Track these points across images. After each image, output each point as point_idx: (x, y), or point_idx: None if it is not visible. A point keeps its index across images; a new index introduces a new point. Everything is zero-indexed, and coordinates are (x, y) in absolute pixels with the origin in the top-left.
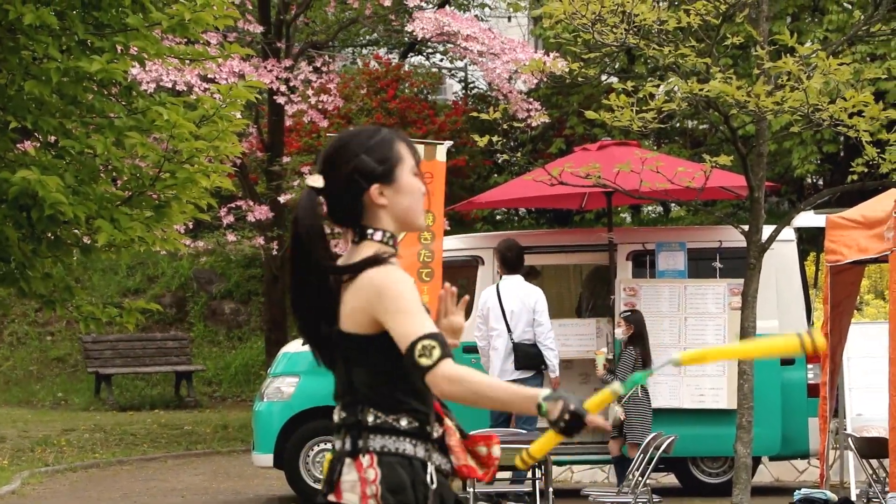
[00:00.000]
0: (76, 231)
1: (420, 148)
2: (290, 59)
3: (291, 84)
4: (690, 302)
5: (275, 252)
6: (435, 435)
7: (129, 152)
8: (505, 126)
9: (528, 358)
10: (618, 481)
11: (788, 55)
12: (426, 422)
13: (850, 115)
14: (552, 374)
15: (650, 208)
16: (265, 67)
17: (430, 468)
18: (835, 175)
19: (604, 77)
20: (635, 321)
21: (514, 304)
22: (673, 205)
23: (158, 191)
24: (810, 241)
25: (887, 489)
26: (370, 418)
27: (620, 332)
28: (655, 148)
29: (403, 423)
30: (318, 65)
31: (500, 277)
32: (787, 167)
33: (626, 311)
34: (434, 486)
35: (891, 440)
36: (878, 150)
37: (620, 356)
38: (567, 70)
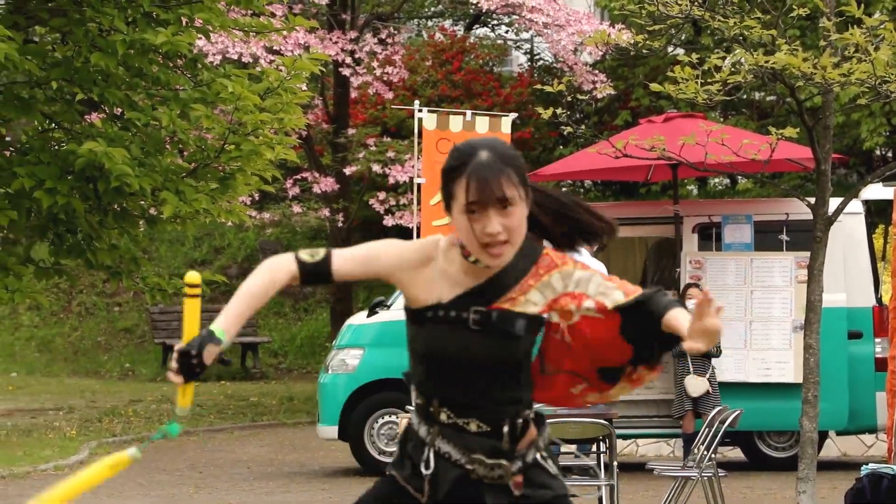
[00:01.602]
0: (142, 203)
1: (485, 120)
2: (355, 31)
3: (357, 56)
4: (757, 275)
5: (340, 224)
6: (444, 419)
7: (194, 124)
8: (570, 98)
9: None
10: (684, 455)
11: (856, 26)
12: (428, 402)
13: None
14: None
15: (716, 180)
16: (330, 39)
17: (428, 452)
18: None
19: (670, 49)
20: None
21: None
22: (739, 177)
23: (223, 163)
24: (879, 214)
25: None
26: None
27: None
28: (722, 120)
29: (416, 398)
30: (384, 36)
31: None
32: (856, 139)
33: (694, 283)
34: (429, 471)
35: None
36: None
37: None
38: (632, 42)
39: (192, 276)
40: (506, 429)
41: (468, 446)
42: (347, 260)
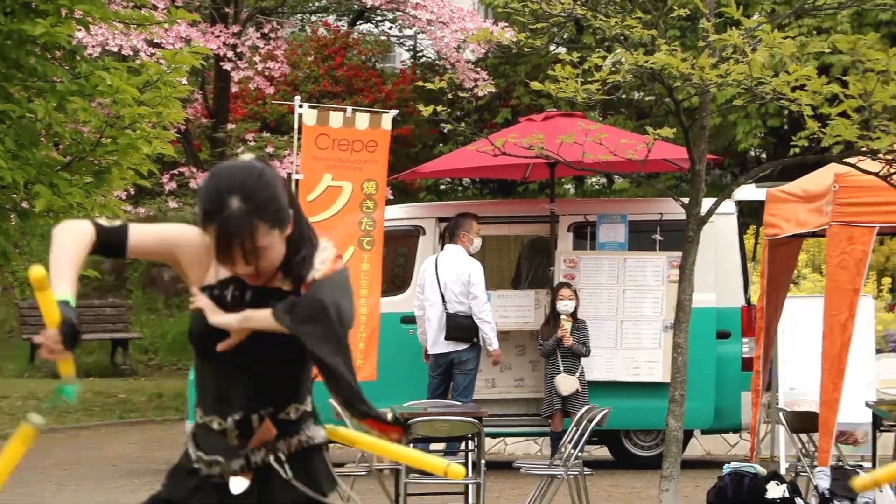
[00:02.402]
0: (14, 196)
1: (365, 116)
2: (237, 25)
3: (238, 50)
4: (629, 274)
5: None
6: (215, 427)
7: (71, 117)
8: (451, 95)
9: (460, 329)
10: (551, 454)
11: (734, 28)
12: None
13: (793, 89)
14: (490, 347)
15: (594, 180)
16: (212, 33)
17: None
18: (778, 149)
19: (552, 47)
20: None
21: (449, 276)
22: (616, 177)
23: (99, 156)
24: (751, 215)
25: (816, 463)
26: None
27: (572, 305)
28: (601, 119)
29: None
30: (266, 31)
31: (442, 248)
32: (732, 140)
33: (566, 283)
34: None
35: (821, 415)
36: (820, 125)
37: (577, 328)
38: (514, 40)
39: (36, 272)
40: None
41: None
42: (144, 234)
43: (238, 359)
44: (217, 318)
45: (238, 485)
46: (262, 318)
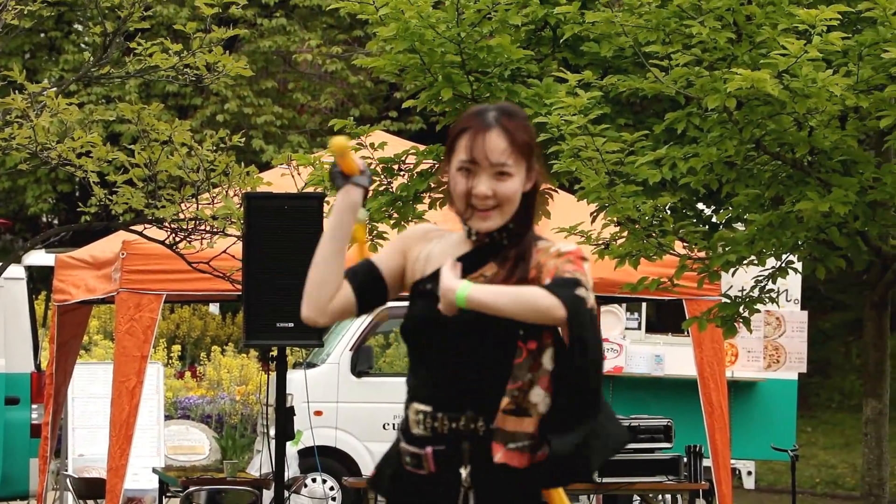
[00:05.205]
0: None
1: None
2: None
3: None
4: None
5: None
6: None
7: None
8: None
9: None
10: None
11: (18, 92)
12: None
13: (79, 155)
14: None
15: None
16: None
17: None
18: (70, 214)
19: None
20: None
21: None
22: None
23: None
24: (42, 280)
25: None
26: None
27: None
28: None
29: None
30: None
31: None
32: (23, 205)
33: None
34: None
35: (108, 481)
36: (108, 192)
37: None
38: None
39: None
40: None
41: None
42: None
43: None
44: None
45: None
46: None
